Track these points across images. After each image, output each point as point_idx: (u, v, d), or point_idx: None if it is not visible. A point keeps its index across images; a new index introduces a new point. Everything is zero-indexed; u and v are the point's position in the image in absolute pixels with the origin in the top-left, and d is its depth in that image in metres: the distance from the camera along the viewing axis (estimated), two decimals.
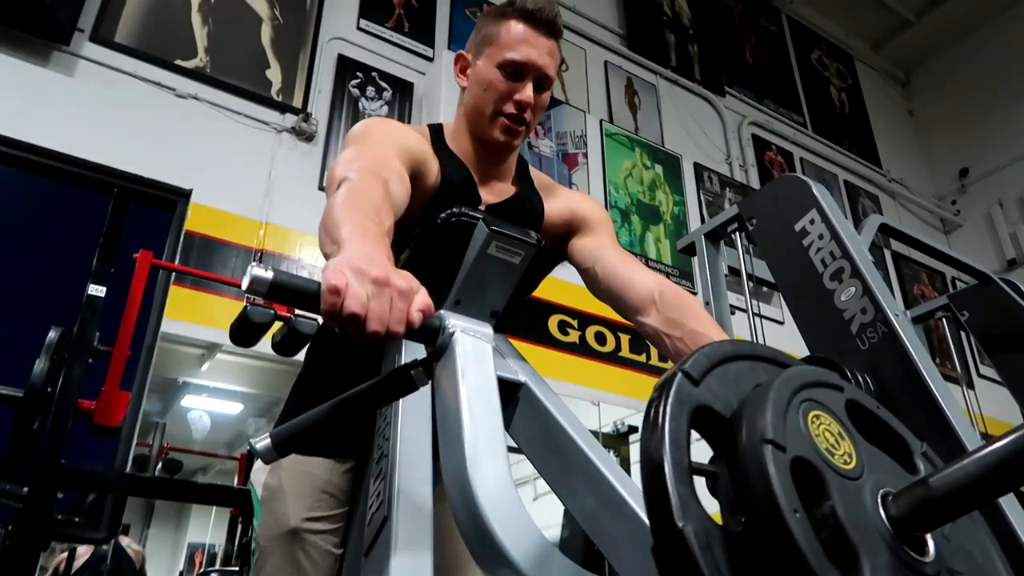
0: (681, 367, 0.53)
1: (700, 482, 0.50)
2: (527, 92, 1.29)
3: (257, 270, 0.72)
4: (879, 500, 0.50)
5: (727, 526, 0.47)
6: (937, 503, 0.47)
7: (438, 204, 1.24)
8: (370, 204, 0.93)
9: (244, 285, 0.72)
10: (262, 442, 0.82)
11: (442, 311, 0.87)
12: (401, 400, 0.89)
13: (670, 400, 0.50)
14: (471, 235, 1.06)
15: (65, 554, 3.62)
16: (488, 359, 0.83)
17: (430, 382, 0.83)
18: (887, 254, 6.18)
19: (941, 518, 0.48)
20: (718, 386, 0.53)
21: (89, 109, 3.30)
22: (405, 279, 0.75)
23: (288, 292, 0.73)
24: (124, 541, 4.29)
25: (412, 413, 0.89)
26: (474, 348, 0.82)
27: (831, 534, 0.46)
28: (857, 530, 0.47)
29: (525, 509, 0.66)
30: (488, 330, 0.87)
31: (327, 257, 0.83)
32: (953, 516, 0.48)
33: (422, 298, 0.77)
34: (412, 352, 0.96)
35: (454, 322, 0.84)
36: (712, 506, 0.50)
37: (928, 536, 0.50)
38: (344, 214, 0.88)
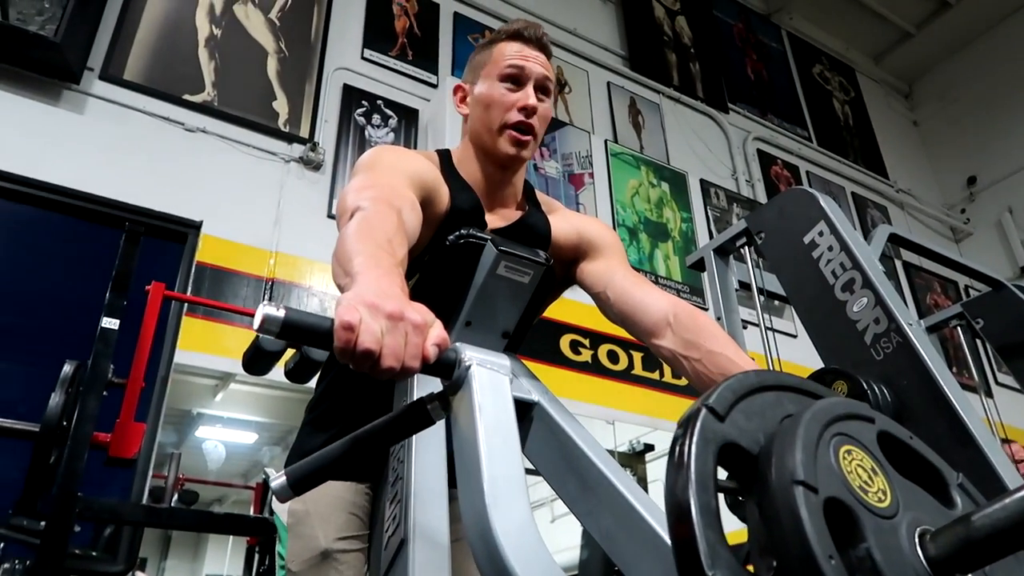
0: (705, 402, 0.51)
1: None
2: (530, 97, 1.30)
3: (268, 309, 0.69)
4: (916, 540, 0.48)
5: (757, 571, 0.46)
6: (980, 544, 0.45)
7: (447, 230, 1.24)
8: (383, 234, 0.91)
9: (256, 325, 0.69)
10: (278, 481, 0.80)
11: (458, 344, 0.85)
12: None
13: (695, 438, 0.48)
14: (480, 257, 1.07)
15: None
16: (506, 392, 0.81)
17: (446, 416, 0.82)
18: (898, 265, 6.15)
19: (984, 559, 0.46)
20: (744, 421, 0.51)
21: (100, 146, 3.34)
22: (420, 312, 0.73)
23: (301, 331, 0.71)
24: None
25: (426, 436, 0.89)
26: (491, 381, 0.80)
27: None
28: (894, 573, 0.45)
29: (548, 552, 0.64)
30: (505, 361, 0.85)
31: (341, 289, 0.82)
32: (997, 557, 0.45)
33: (437, 331, 0.74)
34: (424, 383, 0.95)
35: (470, 354, 0.81)
36: (729, 521, 0.49)
37: None
38: (357, 245, 0.87)
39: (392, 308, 0.72)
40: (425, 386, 0.93)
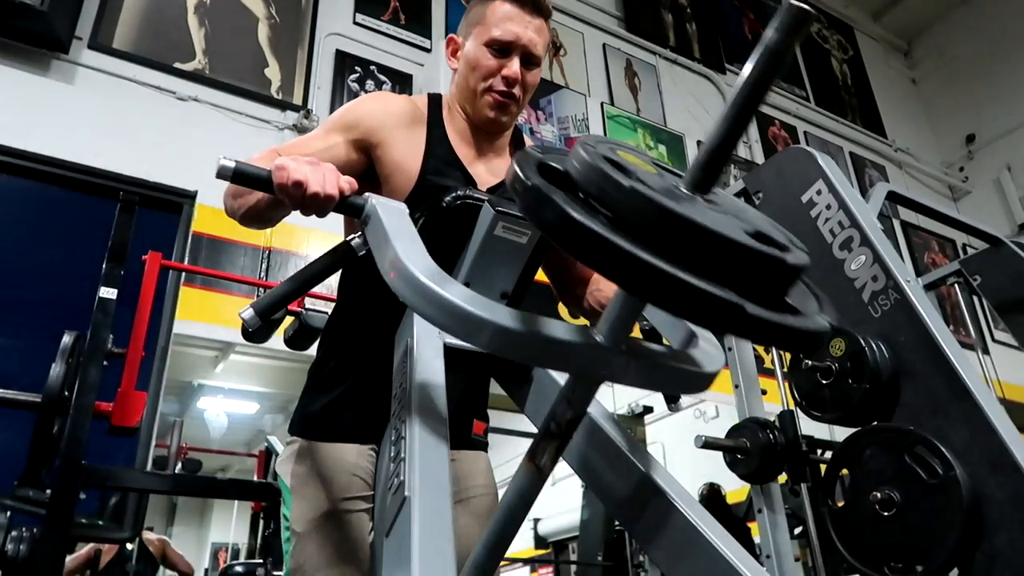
0: (530, 149, 0.68)
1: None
2: (514, 67, 1.31)
3: (224, 161, 0.94)
4: (672, 184, 0.63)
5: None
6: (706, 163, 0.61)
7: (423, 182, 1.28)
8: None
9: (215, 174, 0.93)
10: (246, 312, 0.98)
11: (366, 193, 1.01)
12: (416, 384, 0.90)
13: (522, 156, 0.65)
14: (477, 217, 1.06)
15: (84, 549, 3.66)
16: (404, 214, 0.97)
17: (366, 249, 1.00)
18: (896, 224, 6.15)
19: (714, 172, 0.61)
20: (557, 159, 0.67)
21: (91, 116, 3.31)
22: (331, 165, 1.01)
23: (248, 177, 0.97)
24: (145, 535, 4.33)
25: (427, 397, 0.89)
26: (392, 208, 0.97)
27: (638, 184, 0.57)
28: (657, 185, 0.58)
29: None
30: (403, 206, 0.99)
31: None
32: (720, 167, 0.61)
33: (347, 177, 1.01)
34: (422, 333, 0.96)
35: (374, 198, 0.99)
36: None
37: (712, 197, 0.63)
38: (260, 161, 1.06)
39: (311, 159, 1.00)
40: (421, 337, 0.94)
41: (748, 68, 0.59)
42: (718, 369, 0.79)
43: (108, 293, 2.34)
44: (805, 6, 0.56)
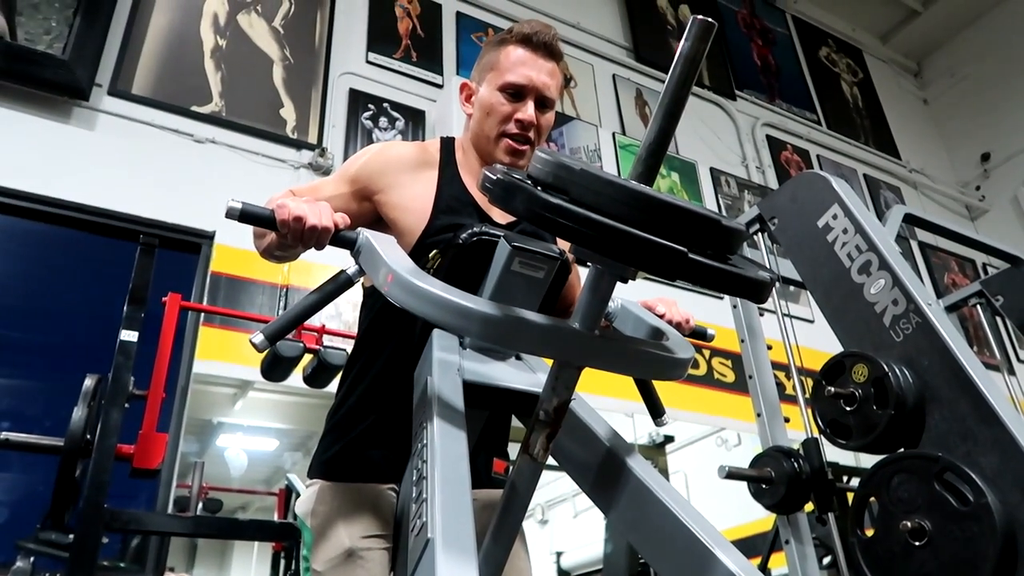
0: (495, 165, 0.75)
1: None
2: (528, 111, 1.34)
3: (232, 203, 1.02)
4: (621, 177, 0.71)
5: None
6: (646, 157, 0.73)
7: (434, 222, 1.29)
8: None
9: (224, 214, 1.01)
10: (256, 337, 1.04)
11: (358, 228, 1.11)
12: (437, 423, 0.90)
13: (484, 168, 0.73)
14: (493, 253, 1.07)
15: None
16: (393, 242, 1.05)
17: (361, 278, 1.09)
18: (914, 245, 6.09)
19: (654, 166, 0.73)
20: (519, 172, 0.76)
21: (111, 160, 3.37)
22: (326, 204, 1.10)
23: (254, 217, 1.06)
24: None
25: (449, 435, 0.89)
26: (382, 239, 1.05)
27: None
28: (609, 175, 0.69)
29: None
30: (391, 237, 1.07)
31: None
32: (659, 161, 0.73)
33: (341, 214, 1.11)
34: (441, 370, 0.97)
35: (365, 232, 1.08)
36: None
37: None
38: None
39: (308, 198, 1.11)
40: (440, 372, 0.96)
41: (671, 74, 0.69)
42: (690, 356, 0.87)
43: (129, 336, 2.36)
44: (709, 19, 0.68)
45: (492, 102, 1.34)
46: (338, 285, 1.10)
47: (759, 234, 2.21)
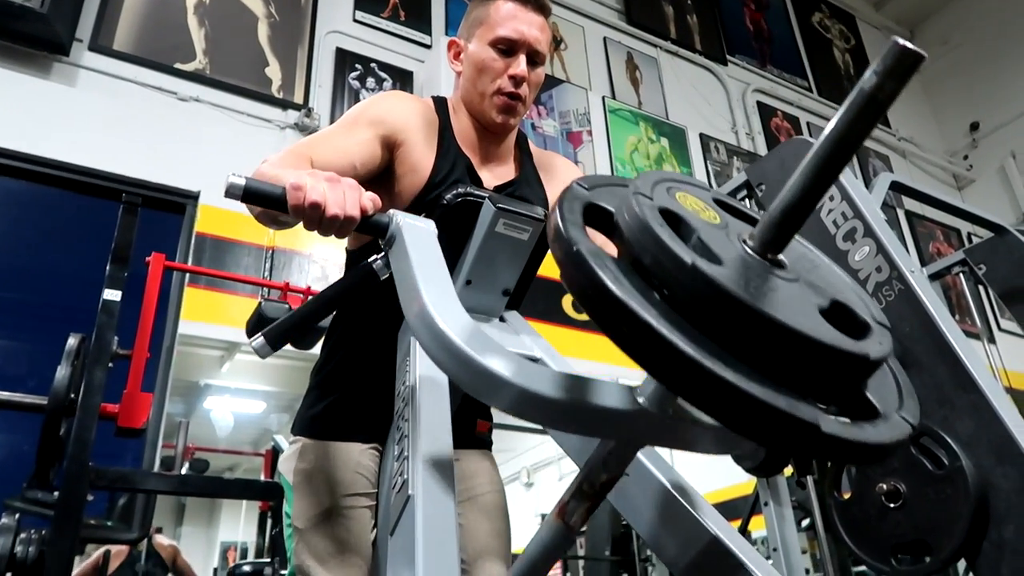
0: (575, 182, 0.62)
1: None
2: (520, 66, 1.31)
3: (233, 179, 0.84)
4: (737, 237, 0.57)
5: (620, 256, 0.55)
6: (779, 223, 0.54)
7: (432, 188, 1.26)
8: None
9: (224, 192, 0.84)
10: (257, 340, 0.95)
11: (391, 210, 0.94)
12: (419, 383, 0.90)
13: (567, 197, 0.59)
14: (478, 215, 1.06)
15: (93, 556, 3.68)
16: (432, 236, 0.90)
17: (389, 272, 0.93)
18: (900, 214, 6.12)
19: (787, 233, 0.55)
20: (607, 196, 0.62)
21: (93, 118, 3.31)
22: (352, 181, 0.90)
23: (259, 195, 0.86)
24: (156, 539, 4.35)
25: (431, 394, 0.89)
26: (420, 231, 0.90)
27: (701, 253, 0.52)
28: (720, 250, 0.53)
29: (499, 343, 0.69)
30: (431, 226, 0.93)
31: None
32: (796, 228, 0.54)
33: (370, 194, 0.91)
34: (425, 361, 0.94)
35: (400, 217, 0.92)
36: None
37: (783, 257, 0.57)
38: (275, 170, 0.99)
39: (329, 174, 0.89)
40: (426, 361, 0.93)
41: (840, 114, 0.50)
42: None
43: (112, 295, 2.34)
44: (916, 48, 0.48)
45: (484, 58, 1.32)
46: (358, 280, 0.96)
47: (747, 200, 2.21)
